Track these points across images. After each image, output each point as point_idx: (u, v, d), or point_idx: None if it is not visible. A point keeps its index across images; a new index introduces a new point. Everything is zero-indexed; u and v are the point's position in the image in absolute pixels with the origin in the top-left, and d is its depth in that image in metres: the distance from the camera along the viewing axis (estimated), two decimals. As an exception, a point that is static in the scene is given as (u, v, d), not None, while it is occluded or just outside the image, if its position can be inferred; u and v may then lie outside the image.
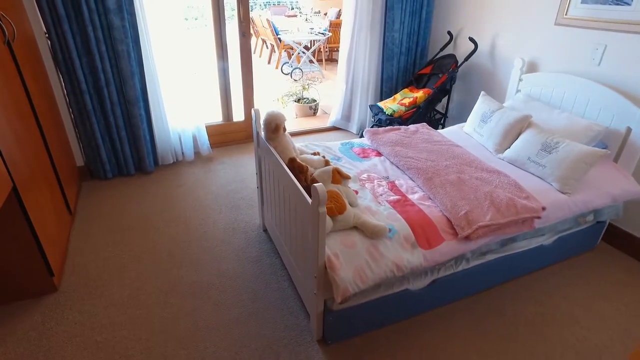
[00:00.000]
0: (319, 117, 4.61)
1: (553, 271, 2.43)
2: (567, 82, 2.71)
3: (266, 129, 2.17)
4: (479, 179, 2.23)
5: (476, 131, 2.81)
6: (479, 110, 2.82)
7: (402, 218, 1.91)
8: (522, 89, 3.02)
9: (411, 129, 2.80)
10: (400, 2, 3.53)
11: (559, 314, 2.13)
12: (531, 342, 1.97)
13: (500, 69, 3.26)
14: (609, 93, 2.48)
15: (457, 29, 3.59)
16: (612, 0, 2.46)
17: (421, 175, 2.21)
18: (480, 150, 2.67)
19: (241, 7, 3.36)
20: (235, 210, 2.87)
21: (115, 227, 2.65)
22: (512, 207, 2.04)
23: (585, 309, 2.16)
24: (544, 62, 2.92)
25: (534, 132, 2.46)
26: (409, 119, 3.46)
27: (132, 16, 2.81)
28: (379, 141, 2.61)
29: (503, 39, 3.18)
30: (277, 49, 7.15)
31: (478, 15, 3.35)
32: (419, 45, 3.84)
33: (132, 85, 2.95)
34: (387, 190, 2.15)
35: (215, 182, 3.22)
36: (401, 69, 3.88)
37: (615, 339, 2.00)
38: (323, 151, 2.53)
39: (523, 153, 2.44)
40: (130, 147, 3.18)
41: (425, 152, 2.47)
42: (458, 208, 1.97)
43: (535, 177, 2.38)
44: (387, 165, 2.42)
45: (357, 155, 2.53)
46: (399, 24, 3.62)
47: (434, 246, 1.88)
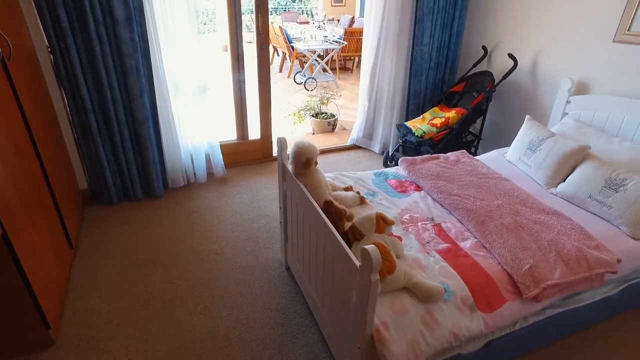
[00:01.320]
0: (337, 134, 4.34)
1: (618, 323, 2.14)
2: (627, 106, 2.42)
3: (295, 163, 1.90)
4: (538, 223, 1.95)
5: (522, 160, 2.52)
6: (526, 137, 2.53)
7: (457, 274, 1.63)
8: (570, 112, 2.73)
9: (451, 159, 2.52)
10: (430, 14, 3.25)
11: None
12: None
13: (542, 89, 2.98)
14: (678, 122, 2.20)
15: (493, 44, 3.31)
16: (685, 17, 2.18)
17: (472, 218, 1.92)
18: (528, 183, 2.39)
19: (260, 18, 3.09)
20: (253, 242, 2.59)
21: (121, 263, 2.38)
22: (582, 260, 1.75)
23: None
24: (597, 82, 2.63)
25: (594, 165, 2.18)
26: (440, 142, 3.18)
27: (142, 28, 2.55)
28: (418, 173, 2.33)
29: (547, 57, 2.90)
30: (290, 58, 6.89)
31: (518, 30, 3.08)
32: (449, 60, 3.56)
33: (141, 103, 2.69)
34: (434, 236, 1.87)
35: (230, 208, 2.94)
36: (429, 85, 3.61)
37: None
38: (355, 184, 2.26)
39: (582, 190, 2.16)
40: (138, 170, 2.92)
41: (472, 188, 2.19)
42: (520, 261, 1.69)
43: (599, 218, 2.09)
44: (429, 202, 2.14)
45: (394, 190, 2.25)
46: (428, 37, 3.34)
47: (496, 308, 1.60)
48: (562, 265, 1.71)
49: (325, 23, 7.75)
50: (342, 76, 7.24)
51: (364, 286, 1.32)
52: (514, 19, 3.10)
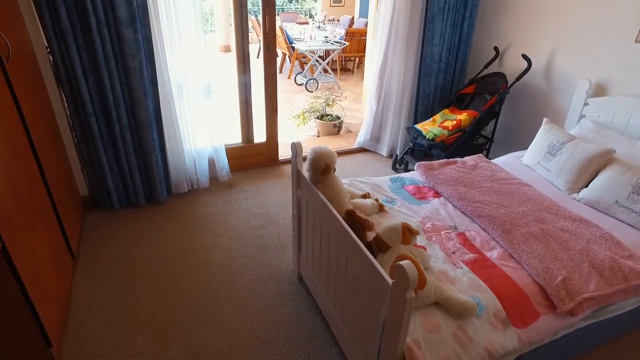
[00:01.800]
0: (342, 136, 4.24)
1: (644, 335, 2.06)
2: (649, 109, 2.35)
3: (313, 170, 1.80)
4: (566, 231, 1.86)
5: (541, 165, 2.44)
6: (545, 141, 2.45)
7: (487, 287, 1.54)
8: (588, 115, 2.66)
9: (469, 163, 2.43)
10: (441, 14, 3.17)
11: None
12: None
13: (558, 90, 2.90)
14: None
15: (505, 45, 3.23)
16: None
17: (497, 226, 1.83)
18: (549, 188, 2.30)
19: (267, 18, 3.00)
20: (263, 251, 2.49)
21: (124, 273, 2.27)
22: (617, 271, 1.67)
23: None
24: (617, 84, 2.56)
25: (620, 170, 2.10)
26: (452, 145, 3.10)
27: (146, 28, 2.44)
28: (436, 178, 2.24)
29: (563, 57, 2.83)
30: (290, 58, 6.79)
31: (532, 30, 3.00)
32: (459, 61, 3.48)
33: (144, 106, 2.58)
34: (459, 246, 1.78)
35: (237, 215, 2.84)
36: (439, 86, 3.52)
37: None
38: (372, 190, 2.16)
39: (608, 196, 2.08)
40: (141, 175, 2.80)
41: (494, 194, 2.10)
42: (552, 273, 1.61)
43: (626, 225, 2.02)
44: (450, 209, 2.05)
45: (413, 196, 2.16)
46: (439, 37, 3.26)
47: (529, 323, 1.51)
48: (596, 277, 1.63)
49: (325, 23, 7.66)
50: (342, 77, 7.15)
51: (397, 304, 1.22)
52: (527, 18, 3.02)
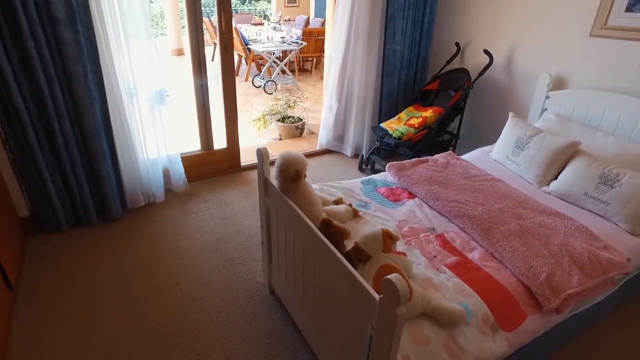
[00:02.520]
0: (306, 138, 4.13)
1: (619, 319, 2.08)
2: (607, 101, 2.40)
3: (282, 178, 1.66)
4: (543, 226, 1.84)
5: (510, 159, 2.43)
6: (512, 135, 2.45)
7: (473, 291, 1.48)
8: (549, 108, 2.69)
9: (440, 161, 2.38)
10: (401, 11, 3.13)
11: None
12: None
13: (519, 85, 2.93)
14: (662, 114, 2.19)
15: (465, 40, 3.23)
16: (665, 8, 2.17)
17: (476, 225, 1.78)
18: (519, 182, 2.30)
19: (223, 16, 2.83)
20: (229, 265, 2.33)
21: (74, 302, 2.03)
22: (596, 263, 1.66)
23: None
24: (575, 77, 2.60)
25: (586, 161, 2.12)
26: (419, 142, 3.06)
27: (89, 29, 2.21)
28: (408, 179, 2.17)
29: (523, 52, 2.85)
30: (246, 60, 6.59)
31: (492, 26, 3.01)
32: (421, 57, 3.46)
33: (91, 114, 2.34)
34: (439, 249, 1.71)
35: (200, 227, 2.65)
36: (402, 84, 3.49)
37: None
38: (344, 195, 2.06)
39: (577, 187, 2.08)
40: (91, 190, 2.55)
41: (469, 192, 2.06)
42: (535, 271, 1.57)
43: (596, 215, 2.03)
44: (426, 210, 1.98)
45: (387, 199, 2.07)
46: (400, 34, 3.22)
47: (517, 325, 1.46)
48: (577, 271, 1.61)
49: (281, 24, 7.51)
50: (301, 78, 7.04)
51: (387, 321, 1.11)
52: (486, 14, 3.03)
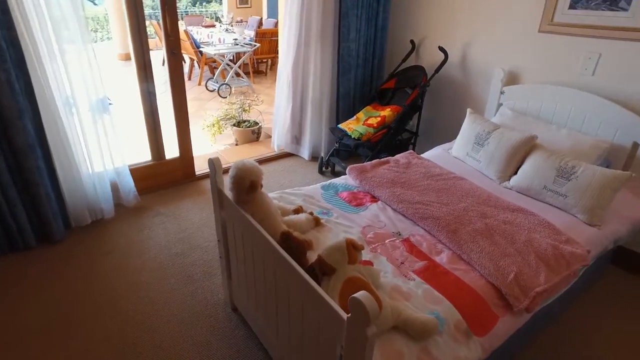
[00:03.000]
0: (263, 143, 4.00)
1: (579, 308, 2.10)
2: (558, 94, 2.44)
3: (237, 189, 1.55)
4: (508, 223, 1.82)
5: (470, 156, 2.43)
6: (471, 132, 2.44)
7: (444, 298, 1.42)
8: (505, 103, 2.72)
9: (402, 161, 2.34)
10: (355, 9, 3.07)
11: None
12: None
13: (475, 81, 2.95)
14: (609, 105, 2.24)
15: (420, 38, 3.23)
16: (605, 5, 2.22)
17: (442, 227, 1.74)
18: (480, 179, 2.29)
19: (168, 19, 2.65)
20: (189, 283, 2.17)
21: (8, 341, 1.82)
22: (560, 258, 1.65)
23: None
24: (527, 72, 2.64)
25: (543, 155, 2.13)
26: (378, 142, 3.01)
27: (10, 31, 1.99)
28: (370, 181, 2.10)
29: (477, 48, 2.87)
30: (199, 64, 6.36)
31: (445, 23, 3.01)
32: (376, 56, 3.42)
33: (20, 127, 2.12)
34: (406, 254, 1.65)
35: (155, 243, 2.47)
36: (358, 83, 3.44)
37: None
38: (304, 202, 1.96)
39: (537, 181, 2.09)
40: (27, 211, 2.32)
41: (433, 193, 2.01)
42: (504, 271, 1.54)
43: (556, 208, 2.04)
44: (390, 214, 1.91)
45: (349, 204, 1.99)
46: (354, 32, 3.16)
47: (490, 329, 1.42)
48: (544, 268, 1.59)
49: (233, 25, 7.31)
50: (256, 80, 6.88)
51: (356, 342, 1.03)
52: (439, 12, 3.03)
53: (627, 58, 2.20)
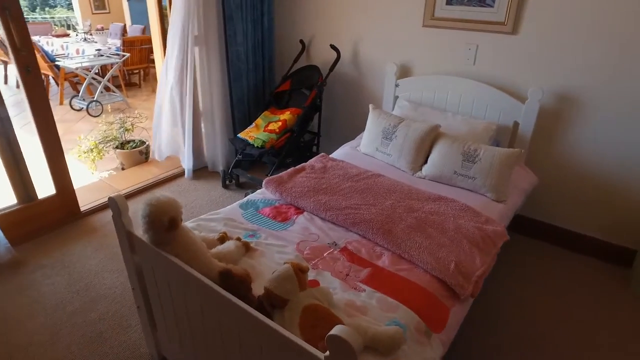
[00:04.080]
0: (154, 163, 3.59)
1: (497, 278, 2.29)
2: (448, 84, 2.61)
3: (154, 230, 1.31)
4: (434, 214, 1.87)
5: (380, 151, 2.46)
6: (378, 127, 2.48)
7: (398, 302, 1.39)
8: (401, 95, 2.82)
9: (317, 166, 2.26)
10: (239, 11, 2.90)
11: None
12: None
13: (369, 76, 3.01)
14: (492, 91, 2.46)
15: (309, 37, 3.19)
16: (476, 1, 2.42)
17: (376, 229, 1.71)
18: (395, 172, 2.33)
19: (14, 28, 2.17)
20: (98, 342, 1.82)
21: None
22: (487, 239, 1.75)
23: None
24: (418, 65, 2.77)
25: (448, 142, 2.25)
26: (283, 148, 2.91)
27: None
28: (291, 192, 1.98)
29: (368, 44, 2.92)
30: (56, 80, 5.50)
31: (333, 20, 3.01)
32: (266, 58, 3.29)
33: None
34: (348, 264, 1.58)
35: (43, 306, 2.02)
36: (251, 88, 3.28)
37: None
38: (226, 227, 1.77)
39: (447, 167, 2.20)
40: None
41: (357, 194, 1.98)
42: (444, 262, 1.56)
43: (468, 191, 2.17)
44: (319, 224, 1.83)
45: (274, 220, 1.85)
46: (242, 36, 2.99)
47: (445, 322, 1.43)
48: (477, 251, 1.66)
49: (92, 34, 6.48)
50: (130, 93, 6.22)
51: (339, 384, 0.92)
52: (325, 9, 3.02)
53: (499, 48, 2.43)
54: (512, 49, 2.39)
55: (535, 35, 2.30)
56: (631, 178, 2.29)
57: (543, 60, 2.32)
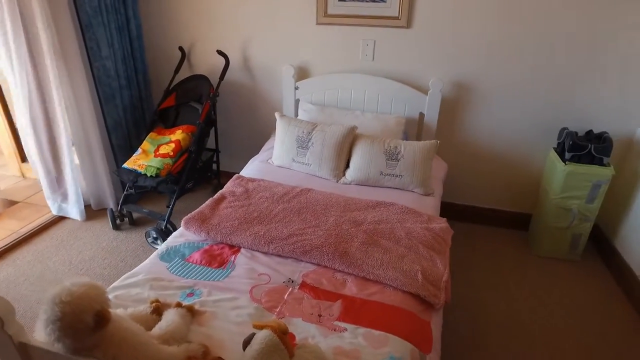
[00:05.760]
0: (8, 214, 2.83)
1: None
2: (350, 82, 2.55)
3: (74, 335, 0.93)
4: (380, 222, 1.78)
5: (297, 161, 2.28)
6: (290, 136, 2.29)
7: (385, 333, 1.26)
8: (302, 98, 2.67)
9: (238, 191, 1.98)
10: (98, 16, 2.39)
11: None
12: None
13: (264, 81, 2.78)
14: (394, 85, 2.47)
15: (189, 44, 2.81)
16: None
17: (331, 254, 1.54)
18: (318, 182, 2.18)
19: None
20: None
21: None
22: (437, 237, 1.72)
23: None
24: (316, 65, 2.64)
25: (367, 142, 2.19)
26: (182, 172, 2.53)
27: None
28: (220, 230, 1.69)
29: (260, 47, 2.68)
30: None
31: (216, 23, 2.69)
32: (139, 71, 2.82)
33: None
34: (315, 302, 1.39)
35: None
36: (128, 108, 2.78)
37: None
38: (153, 291, 1.40)
39: (372, 169, 2.14)
40: None
41: (295, 217, 1.78)
42: (410, 273, 1.49)
43: (396, 190, 2.15)
44: (263, 260, 1.58)
45: (210, 267, 1.55)
46: (107, 47, 2.49)
47: (431, 339, 1.36)
48: (434, 254, 1.62)
49: None
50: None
51: None
52: (207, 11, 2.67)
53: (396, 42, 2.44)
54: (409, 43, 2.42)
55: (428, 28, 2.36)
56: (518, 152, 2.53)
57: (438, 52, 2.40)
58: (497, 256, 2.46)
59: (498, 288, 2.21)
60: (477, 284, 2.24)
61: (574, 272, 2.33)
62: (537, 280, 2.27)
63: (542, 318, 2.01)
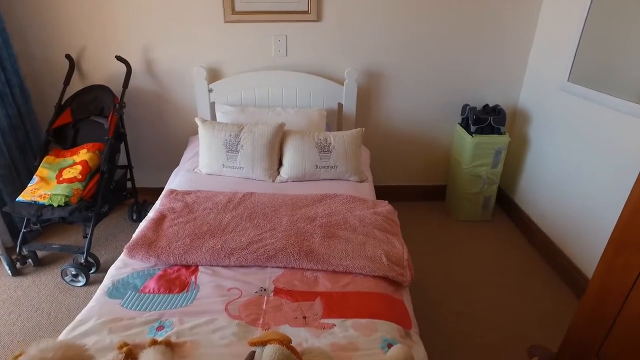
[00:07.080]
0: None
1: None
2: (265, 79, 2.52)
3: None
4: (332, 214, 1.82)
5: (228, 167, 2.19)
6: (217, 141, 2.18)
7: (372, 319, 1.31)
8: (218, 100, 2.56)
9: (177, 206, 1.84)
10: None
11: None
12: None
13: (173, 86, 2.59)
14: (310, 78, 2.51)
15: (77, 51, 2.48)
16: (275, -9, 2.36)
17: (296, 255, 1.53)
18: (254, 185, 2.14)
19: None
20: None
21: None
22: (388, 220, 1.83)
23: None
24: (228, 64, 2.54)
25: (297, 138, 2.20)
26: (96, 195, 2.26)
27: None
28: (172, 251, 1.55)
29: (164, 50, 2.48)
30: None
31: (107, 27, 2.40)
32: (14, 85, 2.40)
33: None
34: (294, 305, 1.37)
35: None
36: (6, 130, 2.36)
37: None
38: (113, 333, 1.25)
39: (307, 164, 2.16)
40: None
41: (247, 224, 1.72)
42: (375, 258, 1.56)
43: (333, 180, 2.20)
44: (227, 274, 1.50)
45: (172, 294, 1.42)
46: (-27, 63, 2.08)
47: (408, 316, 1.45)
48: (389, 236, 1.70)
49: None
50: None
51: None
52: (95, 15, 2.37)
53: (308, 36, 2.47)
54: (321, 36, 2.46)
55: (338, 20, 2.43)
56: (430, 131, 2.77)
57: (350, 43, 2.49)
58: (424, 226, 2.68)
59: (433, 254, 2.42)
60: (416, 253, 2.41)
61: (488, 229, 2.66)
62: (461, 241, 2.54)
63: (474, 271, 2.27)
